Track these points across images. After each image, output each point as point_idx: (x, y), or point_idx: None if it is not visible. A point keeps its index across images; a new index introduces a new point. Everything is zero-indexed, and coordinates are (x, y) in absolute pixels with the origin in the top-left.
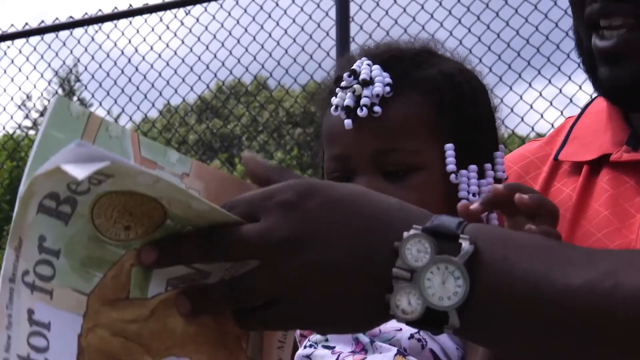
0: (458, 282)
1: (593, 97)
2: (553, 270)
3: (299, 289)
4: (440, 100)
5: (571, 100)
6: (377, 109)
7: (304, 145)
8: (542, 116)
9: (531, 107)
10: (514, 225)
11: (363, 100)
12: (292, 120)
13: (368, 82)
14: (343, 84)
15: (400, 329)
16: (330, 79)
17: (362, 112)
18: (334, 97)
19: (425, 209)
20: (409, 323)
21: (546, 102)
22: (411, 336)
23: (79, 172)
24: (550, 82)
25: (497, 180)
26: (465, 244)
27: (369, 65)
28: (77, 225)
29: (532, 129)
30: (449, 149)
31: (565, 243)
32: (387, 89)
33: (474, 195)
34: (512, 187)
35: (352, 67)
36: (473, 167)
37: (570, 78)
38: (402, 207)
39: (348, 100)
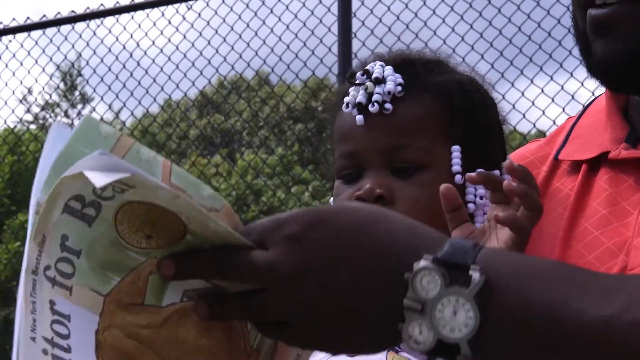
0: (469, 315)
1: (594, 95)
2: (569, 302)
3: (304, 318)
4: (450, 105)
5: (573, 97)
6: (388, 105)
7: (305, 141)
8: (543, 113)
9: (533, 103)
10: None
11: (375, 97)
12: (293, 116)
13: (380, 80)
14: (356, 82)
15: None
16: (342, 86)
17: (373, 108)
18: (346, 97)
19: (432, 207)
20: (422, 353)
21: (548, 99)
22: None
23: (99, 179)
24: (552, 78)
25: None
26: (476, 276)
27: (382, 66)
28: (100, 229)
29: (534, 125)
30: (456, 150)
31: (580, 269)
32: (399, 88)
33: (480, 198)
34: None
35: (365, 68)
36: (481, 170)
37: (572, 75)
38: (414, 232)
39: (360, 97)
